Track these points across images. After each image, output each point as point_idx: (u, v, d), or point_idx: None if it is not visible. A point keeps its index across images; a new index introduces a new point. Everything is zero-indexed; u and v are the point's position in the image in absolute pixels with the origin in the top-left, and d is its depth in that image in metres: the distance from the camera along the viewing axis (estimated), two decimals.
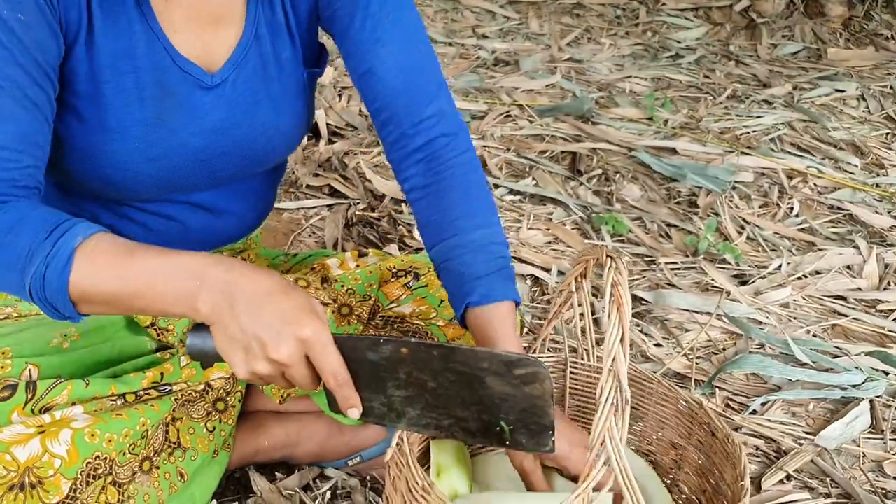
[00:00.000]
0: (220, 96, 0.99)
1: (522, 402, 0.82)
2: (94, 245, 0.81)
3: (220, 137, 1.01)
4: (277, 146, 1.08)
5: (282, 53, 1.03)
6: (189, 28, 0.96)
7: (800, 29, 3.73)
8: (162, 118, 0.96)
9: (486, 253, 1.02)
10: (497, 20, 3.74)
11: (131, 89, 0.93)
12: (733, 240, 1.99)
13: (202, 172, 1.02)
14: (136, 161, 0.96)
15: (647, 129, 2.60)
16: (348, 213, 2.00)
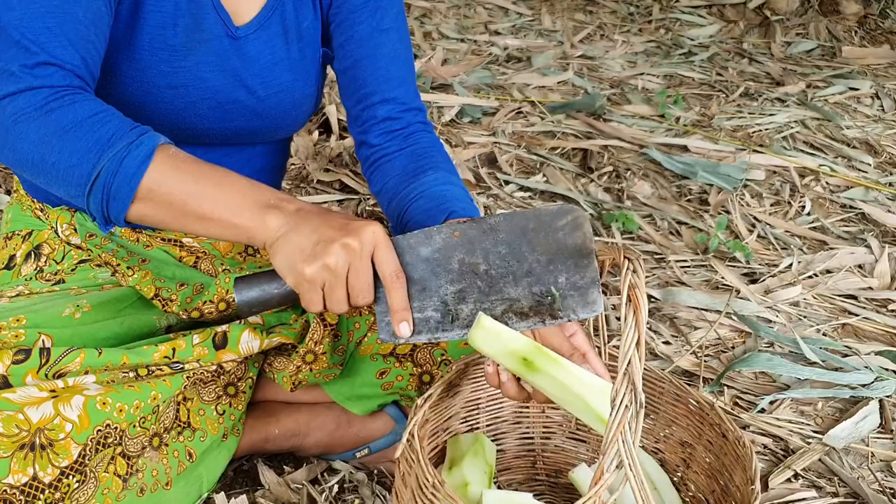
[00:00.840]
0: (241, 48, 1.04)
1: (569, 255, 0.87)
2: (175, 149, 0.86)
3: (237, 85, 1.05)
4: (289, 110, 1.12)
5: (303, 22, 1.09)
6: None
7: (814, 27, 3.71)
8: (189, 49, 1.00)
9: (462, 189, 1.10)
10: (509, 16, 3.73)
11: (169, 12, 0.98)
12: (744, 238, 1.98)
13: (216, 116, 1.06)
14: (160, 85, 1.00)
15: (659, 127, 2.59)
16: (358, 208, 2.00)
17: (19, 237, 1.14)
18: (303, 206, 0.85)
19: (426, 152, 1.12)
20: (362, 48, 1.10)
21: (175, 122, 1.02)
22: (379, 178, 1.14)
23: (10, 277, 1.10)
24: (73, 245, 1.10)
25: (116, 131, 0.84)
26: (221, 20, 1.02)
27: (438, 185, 1.07)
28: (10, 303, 1.00)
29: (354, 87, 1.12)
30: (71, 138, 0.83)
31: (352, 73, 1.11)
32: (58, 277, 1.07)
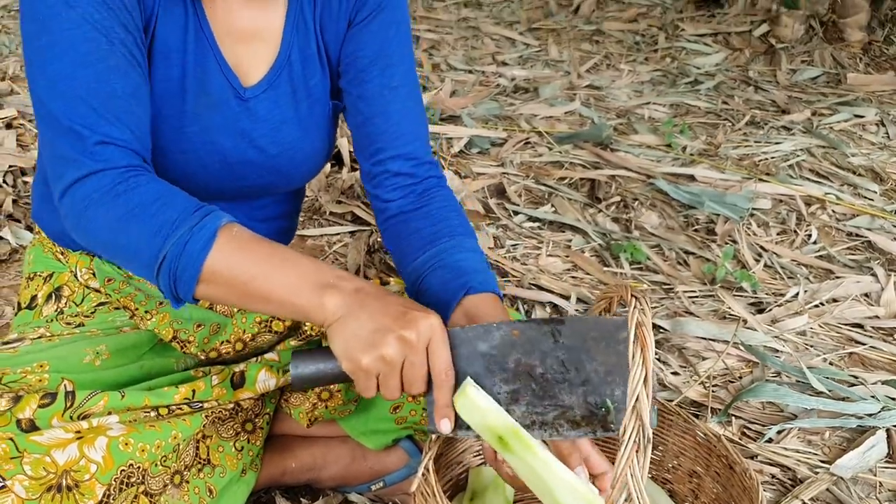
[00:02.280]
0: (251, 109, 1.06)
1: (629, 369, 0.84)
2: (237, 229, 0.88)
3: (247, 146, 1.07)
4: (300, 165, 1.14)
5: (311, 80, 1.10)
6: (231, 39, 1.03)
7: (819, 54, 3.75)
8: (198, 114, 1.03)
9: (477, 254, 1.10)
10: (517, 47, 3.79)
11: (176, 79, 1.00)
12: (750, 268, 2.01)
13: (228, 177, 1.09)
14: (170, 151, 1.02)
15: (666, 156, 2.62)
16: (370, 239, 2.04)
17: (41, 278, 1.17)
18: (361, 287, 0.87)
19: (441, 214, 1.12)
20: (373, 106, 1.11)
21: (186, 182, 1.03)
22: (393, 237, 1.15)
23: (31, 317, 1.14)
24: (92, 289, 1.14)
25: (180, 214, 0.87)
26: (229, 83, 1.04)
27: (455, 254, 1.07)
28: (33, 345, 1.03)
29: (367, 143, 1.13)
30: (138, 222, 0.87)
31: (364, 130, 1.13)
32: (77, 320, 1.11)
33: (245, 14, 1.03)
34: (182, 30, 0.99)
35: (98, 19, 0.88)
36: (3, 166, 2.12)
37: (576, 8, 4.37)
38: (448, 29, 3.98)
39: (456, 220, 1.12)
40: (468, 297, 1.02)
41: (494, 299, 1.04)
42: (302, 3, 1.07)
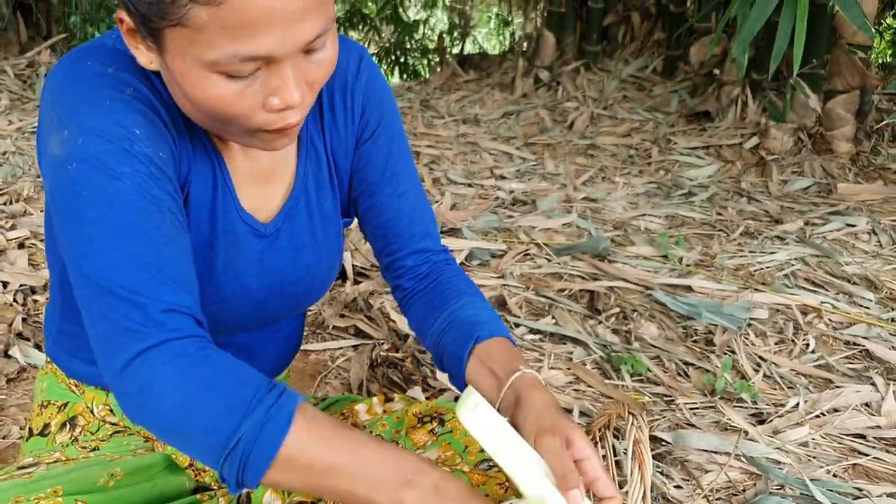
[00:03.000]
0: (272, 243, 1.10)
1: None
2: (312, 411, 0.85)
3: (273, 281, 1.11)
4: (317, 286, 1.19)
5: (324, 203, 1.15)
6: (248, 183, 1.07)
7: (809, 165, 3.86)
8: (228, 264, 1.06)
9: (484, 308, 1.14)
10: (514, 161, 3.90)
11: (206, 236, 1.03)
12: (750, 378, 2.02)
13: (254, 313, 1.12)
14: (205, 303, 1.02)
15: (663, 267, 2.67)
16: (373, 353, 2.06)
17: (55, 406, 1.19)
18: (440, 484, 0.83)
19: (450, 281, 1.20)
20: (385, 213, 1.18)
21: (216, 326, 1.05)
22: (412, 315, 1.22)
23: (44, 444, 1.15)
24: (109, 422, 1.16)
25: (256, 392, 0.83)
26: (248, 225, 1.07)
27: (463, 311, 1.13)
28: (48, 469, 1.05)
29: (382, 245, 1.21)
30: (211, 400, 0.82)
31: (379, 234, 1.20)
32: (93, 444, 1.12)
33: (263, 157, 1.07)
34: (210, 187, 1.02)
35: (145, 189, 0.88)
36: (14, 285, 2.16)
37: (570, 124, 4.52)
38: (448, 144, 4.10)
39: (463, 285, 1.19)
40: (479, 345, 1.07)
41: (504, 342, 1.08)
42: (311, 133, 1.12)
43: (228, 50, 0.80)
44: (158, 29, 0.82)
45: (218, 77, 0.83)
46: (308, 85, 0.88)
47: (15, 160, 3.11)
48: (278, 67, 0.84)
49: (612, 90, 4.94)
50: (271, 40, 0.80)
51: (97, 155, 0.86)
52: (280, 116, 0.87)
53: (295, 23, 0.81)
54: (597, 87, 5.00)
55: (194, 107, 0.88)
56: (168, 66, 0.86)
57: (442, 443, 1.27)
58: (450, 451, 1.26)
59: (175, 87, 0.89)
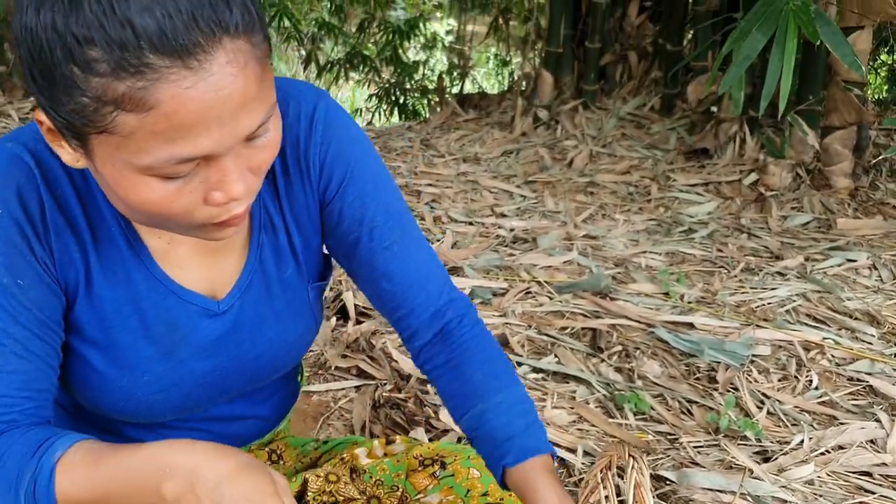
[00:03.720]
0: (226, 321, 1.03)
1: None
2: (70, 456, 0.85)
3: (227, 360, 1.05)
4: (283, 358, 1.12)
5: (285, 273, 1.07)
6: (192, 261, 1.00)
7: (808, 200, 3.87)
8: (169, 352, 1.00)
9: (511, 414, 1.07)
10: (514, 199, 3.92)
11: (137, 329, 0.98)
12: (753, 415, 2.02)
13: (213, 393, 1.07)
14: (147, 392, 1.00)
15: (665, 304, 2.67)
16: (375, 394, 2.06)
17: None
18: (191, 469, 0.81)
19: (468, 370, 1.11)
20: (374, 271, 1.09)
21: (174, 414, 1.03)
22: (438, 386, 1.14)
23: None
24: None
25: (19, 465, 0.86)
26: (198, 306, 1.00)
27: (489, 422, 1.07)
28: None
29: (380, 305, 1.13)
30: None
31: (374, 293, 1.13)
32: None
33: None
34: (125, 281, 0.97)
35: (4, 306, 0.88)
36: None
37: (570, 162, 4.55)
38: (448, 183, 4.13)
39: (481, 373, 1.10)
40: (509, 474, 1.02)
41: (539, 466, 1.02)
42: (265, 202, 1.04)
43: (161, 154, 0.75)
44: (83, 134, 0.76)
45: (153, 179, 0.78)
46: (252, 171, 0.83)
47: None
48: (218, 162, 0.79)
49: (611, 128, 4.98)
50: (209, 140, 0.75)
51: None
52: (224, 209, 0.83)
53: (234, 118, 0.75)
54: (595, 126, 5.04)
55: (131, 209, 0.83)
56: (97, 170, 0.81)
57: (444, 486, 1.26)
58: (451, 495, 1.25)
59: (107, 190, 0.84)
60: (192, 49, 0.71)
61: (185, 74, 0.71)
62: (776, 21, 2.44)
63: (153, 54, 0.70)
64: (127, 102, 0.71)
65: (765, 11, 2.46)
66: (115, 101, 0.72)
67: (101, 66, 0.71)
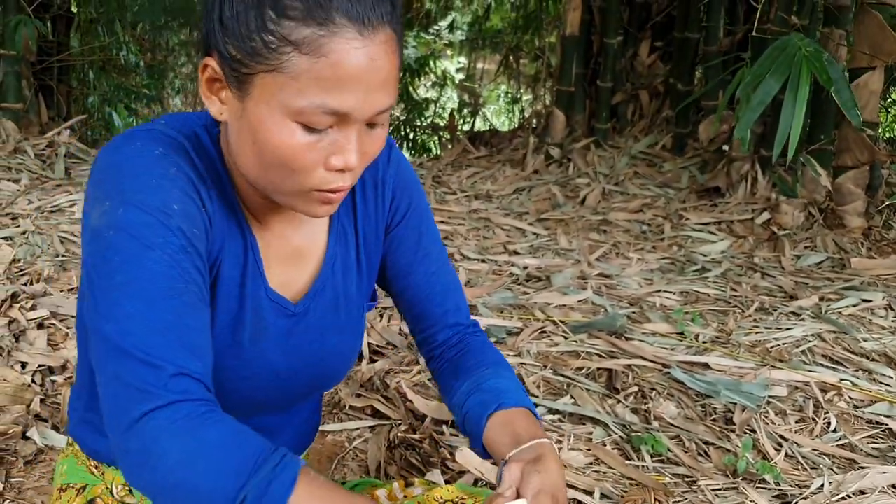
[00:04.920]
0: (299, 323, 1.13)
1: None
2: (314, 475, 0.89)
3: (298, 359, 1.13)
4: (340, 365, 1.22)
5: (350, 286, 1.18)
6: (278, 262, 1.10)
7: (821, 240, 3.87)
8: (254, 340, 1.08)
9: (514, 381, 1.19)
10: (527, 237, 3.92)
11: (234, 311, 1.06)
12: (772, 458, 2.00)
13: (279, 391, 1.14)
14: (231, 378, 1.07)
15: (679, 344, 2.66)
16: (390, 434, 2.05)
17: (73, 490, 1.19)
18: None
19: (478, 350, 1.25)
20: (419, 293, 1.24)
21: (241, 405, 1.09)
22: (441, 380, 1.27)
23: None
24: (128, 503, 1.16)
25: (262, 452, 0.86)
26: (277, 304, 1.10)
27: (490, 380, 1.17)
28: None
29: (417, 322, 1.27)
30: (216, 458, 0.85)
31: (412, 313, 1.26)
32: None
33: (296, 237, 1.11)
34: (241, 265, 1.06)
35: (176, 260, 0.92)
36: (33, 366, 2.17)
37: (582, 199, 4.56)
38: (460, 220, 4.14)
39: (491, 354, 1.25)
40: (501, 411, 1.11)
41: (527, 413, 1.13)
42: (342, 217, 1.16)
43: (315, 100, 0.87)
44: (250, 74, 0.89)
45: (296, 126, 0.89)
46: (362, 155, 0.95)
47: (34, 240, 3.15)
48: (347, 130, 0.91)
49: (623, 166, 4.99)
50: (355, 99, 0.88)
51: (134, 224, 0.90)
52: (335, 177, 0.94)
53: (376, 90, 0.89)
54: (607, 164, 5.06)
55: (261, 154, 0.92)
56: (246, 113, 0.91)
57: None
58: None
59: (245, 137, 0.93)
60: (366, 22, 0.87)
61: (356, 37, 0.86)
62: (789, 67, 2.46)
63: (338, 14, 0.86)
64: (306, 45, 0.86)
65: (776, 56, 2.48)
66: (297, 42, 0.86)
67: (295, 11, 0.85)
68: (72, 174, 4.36)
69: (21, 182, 4.03)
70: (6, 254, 2.93)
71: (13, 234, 3.22)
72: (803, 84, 2.41)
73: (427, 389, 2.27)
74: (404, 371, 2.38)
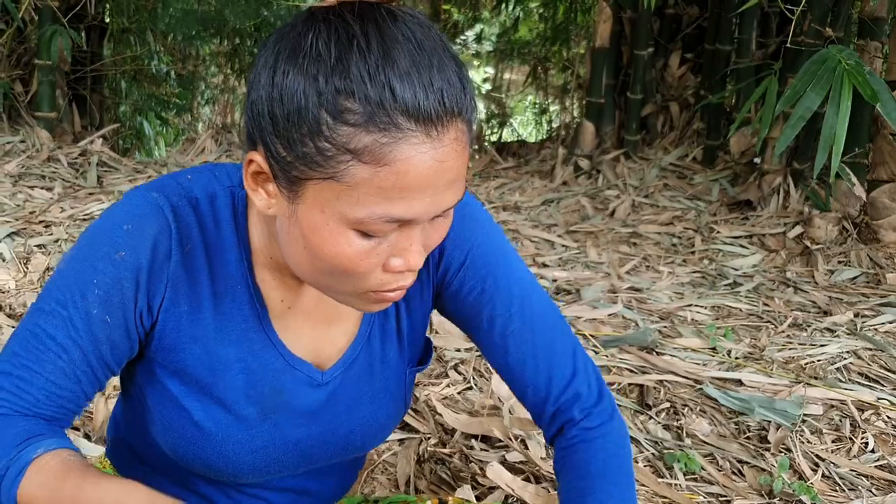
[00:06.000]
0: (326, 393, 1.04)
1: None
2: (46, 460, 0.90)
3: (321, 431, 1.06)
4: (373, 437, 1.12)
5: (388, 353, 1.08)
6: (304, 329, 1.03)
7: (855, 254, 3.81)
8: (267, 414, 1.02)
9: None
10: (556, 249, 3.90)
11: (241, 387, 1.00)
12: (808, 478, 1.96)
13: (299, 461, 1.07)
14: (239, 452, 1.01)
15: (712, 360, 2.63)
16: (420, 448, 2.03)
17: None
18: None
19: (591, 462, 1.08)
20: (495, 356, 1.10)
21: (256, 476, 1.04)
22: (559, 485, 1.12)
23: None
24: None
25: (3, 449, 0.91)
26: (304, 374, 1.03)
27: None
28: None
29: (514, 391, 1.12)
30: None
31: (504, 379, 1.12)
32: None
33: (332, 302, 1.02)
34: (244, 340, 1.00)
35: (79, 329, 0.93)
36: None
37: (612, 212, 4.53)
38: None
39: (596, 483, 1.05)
40: None
41: None
42: None
43: (377, 210, 0.80)
44: (302, 179, 0.81)
45: (354, 234, 0.82)
46: (425, 247, 0.88)
47: (67, 248, 3.18)
48: (410, 230, 0.84)
49: (653, 178, 4.96)
50: (421, 206, 0.81)
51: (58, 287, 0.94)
52: (395, 278, 0.87)
53: (444, 191, 0.82)
54: (637, 176, 5.03)
55: (314, 260, 0.86)
56: (297, 217, 0.84)
57: None
58: None
59: (294, 238, 0.87)
60: (434, 121, 0.78)
61: (424, 140, 0.78)
62: (830, 80, 2.42)
63: (403, 117, 0.77)
64: (366, 154, 0.77)
65: (816, 70, 2.45)
66: (356, 150, 0.77)
67: (354, 116, 0.77)
68: (103, 183, 4.40)
69: (54, 190, 4.07)
70: (40, 262, 2.96)
71: (46, 241, 3.25)
72: (845, 98, 2.37)
73: (456, 403, 2.25)
74: (433, 384, 2.37)
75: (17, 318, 2.46)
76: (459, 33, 8.63)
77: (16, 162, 4.36)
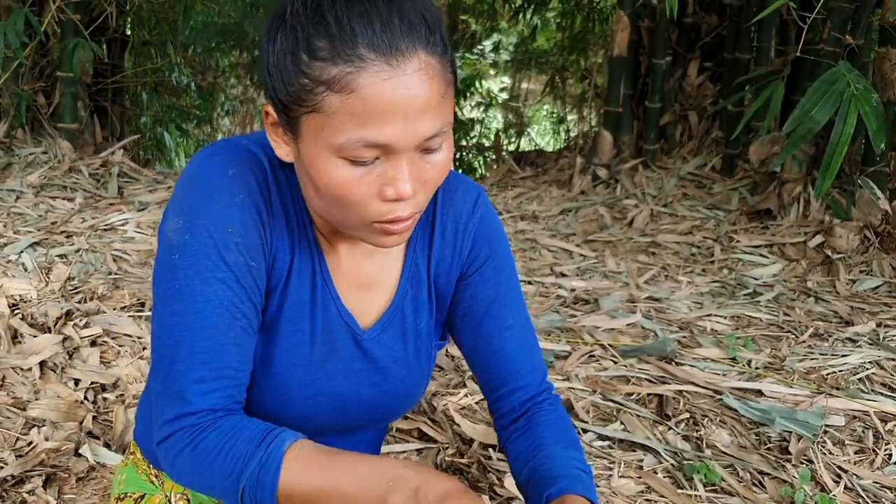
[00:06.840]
0: (366, 350, 1.14)
1: None
2: (300, 448, 0.94)
3: (364, 386, 1.15)
4: (404, 400, 1.21)
5: (420, 322, 1.19)
6: (350, 289, 1.13)
7: (877, 264, 3.77)
8: (324, 361, 1.10)
9: (567, 463, 1.14)
10: (574, 259, 3.89)
11: (307, 330, 1.09)
12: (830, 490, 1.94)
13: (341, 416, 1.15)
14: (295, 397, 1.09)
15: (731, 370, 2.61)
16: (438, 458, 2.03)
17: (131, 499, 1.20)
18: (421, 486, 0.90)
19: (543, 425, 1.20)
20: (489, 347, 1.20)
21: (301, 422, 1.11)
22: (509, 457, 1.24)
23: None
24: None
25: (247, 448, 0.95)
26: (349, 327, 1.13)
27: (544, 464, 1.14)
28: None
29: (486, 379, 1.23)
30: (215, 467, 0.96)
31: (482, 368, 1.23)
32: None
33: (366, 264, 1.13)
34: (311, 285, 1.08)
35: (226, 297, 0.98)
36: (86, 383, 2.19)
37: (630, 221, 4.52)
38: None
39: (553, 431, 1.19)
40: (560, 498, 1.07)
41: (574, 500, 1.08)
42: (416, 256, 1.17)
43: (353, 135, 0.89)
44: (296, 117, 0.92)
45: (342, 161, 0.92)
46: (421, 183, 0.96)
47: (88, 258, 3.21)
48: (396, 159, 0.92)
49: (672, 188, 4.94)
50: (392, 130, 0.89)
51: (195, 254, 0.97)
52: (391, 208, 0.95)
53: (415, 118, 0.90)
54: (655, 185, 5.01)
55: (319, 193, 0.96)
56: (301, 154, 0.95)
57: None
58: None
59: (304, 177, 0.98)
60: (394, 51, 0.88)
61: (385, 69, 0.88)
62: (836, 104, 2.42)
63: (364, 48, 0.87)
64: (336, 84, 0.88)
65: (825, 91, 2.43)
66: (328, 82, 0.88)
67: (323, 52, 0.88)
68: (124, 193, 4.44)
69: (76, 201, 4.11)
70: (61, 272, 2.99)
71: (67, 251, 3.28)
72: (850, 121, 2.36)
73: (474, 413, 2.25)
74: (451, 394, 2.36)
75: (38, 328, 2.48)
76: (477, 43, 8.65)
77: (38, 173, 4.40)
